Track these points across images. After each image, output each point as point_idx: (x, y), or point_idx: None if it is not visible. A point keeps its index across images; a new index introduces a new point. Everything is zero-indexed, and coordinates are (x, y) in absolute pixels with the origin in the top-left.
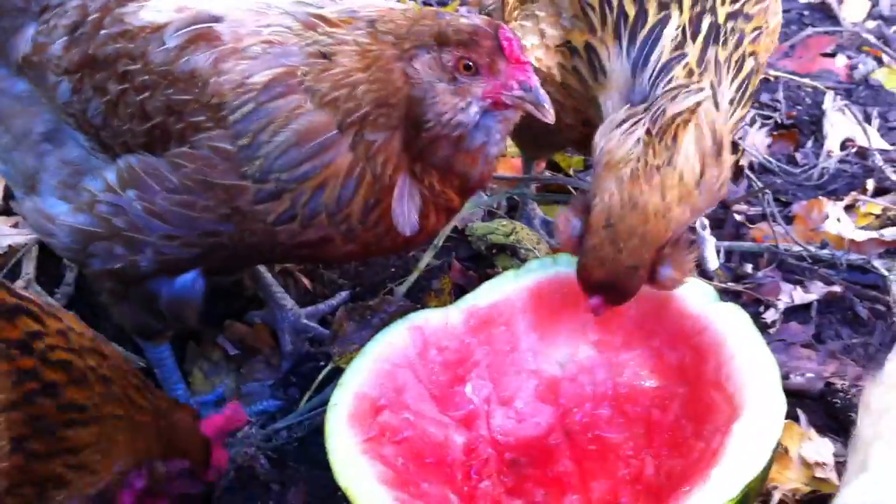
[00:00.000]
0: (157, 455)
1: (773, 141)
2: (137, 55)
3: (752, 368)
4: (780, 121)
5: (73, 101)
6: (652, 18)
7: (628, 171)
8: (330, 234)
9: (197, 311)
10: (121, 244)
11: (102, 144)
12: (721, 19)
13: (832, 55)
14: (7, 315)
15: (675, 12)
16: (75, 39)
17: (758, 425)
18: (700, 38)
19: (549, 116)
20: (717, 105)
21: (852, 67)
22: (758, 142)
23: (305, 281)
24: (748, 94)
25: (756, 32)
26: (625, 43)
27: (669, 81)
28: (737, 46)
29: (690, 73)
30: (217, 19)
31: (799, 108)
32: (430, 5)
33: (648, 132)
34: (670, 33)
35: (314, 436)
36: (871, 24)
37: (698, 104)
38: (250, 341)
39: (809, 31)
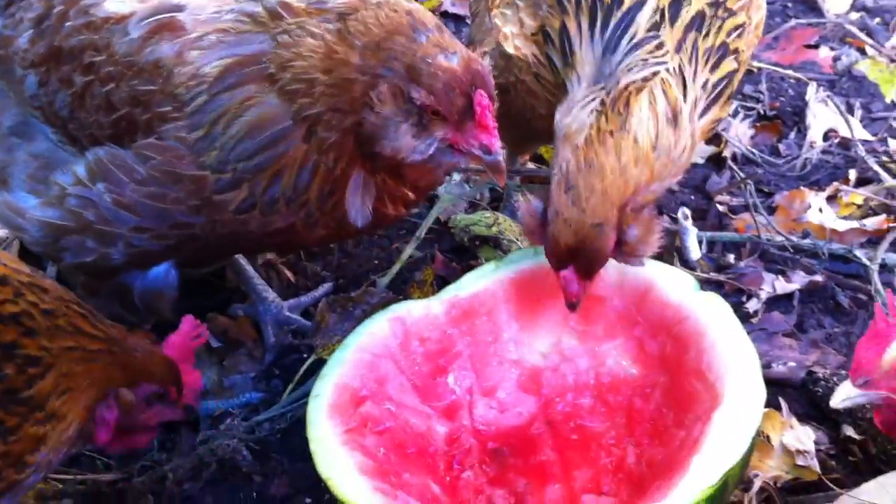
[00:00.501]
0: (121, 383)
1: (756, 132)
2: (102, 46)
3: (733, 357)
4: (763, 112)
5: (39, 94)
6: (628, 2)
7: (583, 138)
8: (293, 220)
9: (171, 303)
10: (92, 237)
11: (70, 137)
12: (703, 7)
13: (815, 47)
14: None
15: None
16: (41, 32)
17: (738, 413)
18: (680, 23)
19: (501, 181)
20: (684, 85)
21: (835, 59)
22: (741, 133)
23: (288, 273)
24: (727, 93)
25: (739, 29)
26: (598, 25)
27: (633, 59)
28: (717, 40)
29: (661, 52)
30: (179, 8)
31: (782, 99)
32: None
33: (602, 102)
34: (646, 15)
35: (297, 427)
36: (855, 15)
37: (654, 74)
38: (233, 334)
39: (793, 22)
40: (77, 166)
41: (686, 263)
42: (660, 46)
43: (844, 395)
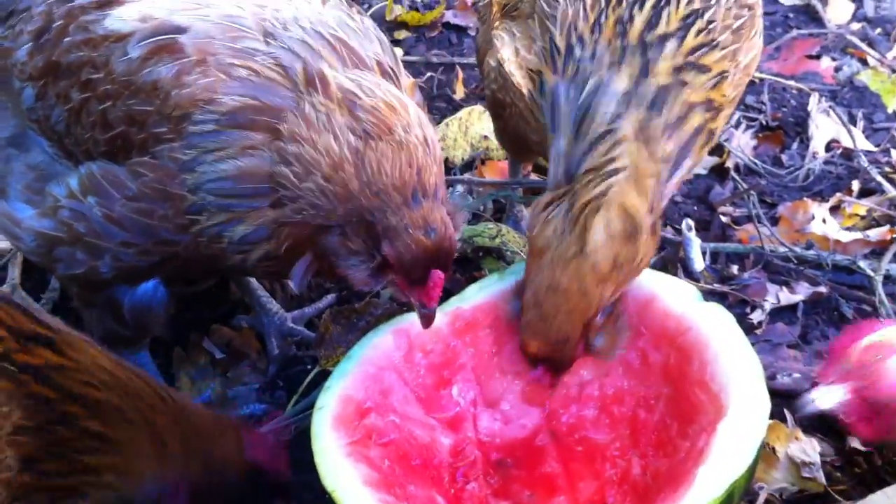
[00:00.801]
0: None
1: (759, 142)
2: (100, 64)
3: (736, 367)
4: (765, 122)
5: (36, 108)
6: (596, 79)
7: (549, 259)
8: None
9: (160, 320)
10: (82, 249)
11: (66, 151)
12: (663, 79)
13: (817, 57)
14: (29, 341)
15: (619, 74)
16: (40, 46)
17: (742, 424)
18: (642, 107)
19: (425, 327)
20: (641, 175)
21: (837, 69)
22: (743, 143)
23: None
24: (699, 143)
25: (715, 79)
26: (576, 96)
27: (593, 158)
28: (678, 107)
29: (618, 153)
30: (181, 30)
31: (784, 109)
32: (416, 5)
33: (564, 218)
34: (609, 101)
35: (301, 439)
36: (856, 25)
37: (609, 187)
38: (237, 345)
39: (794, 33)
40: (71, 179)
41: (690, 275)
42: (618, 142)
43: (812, 398)
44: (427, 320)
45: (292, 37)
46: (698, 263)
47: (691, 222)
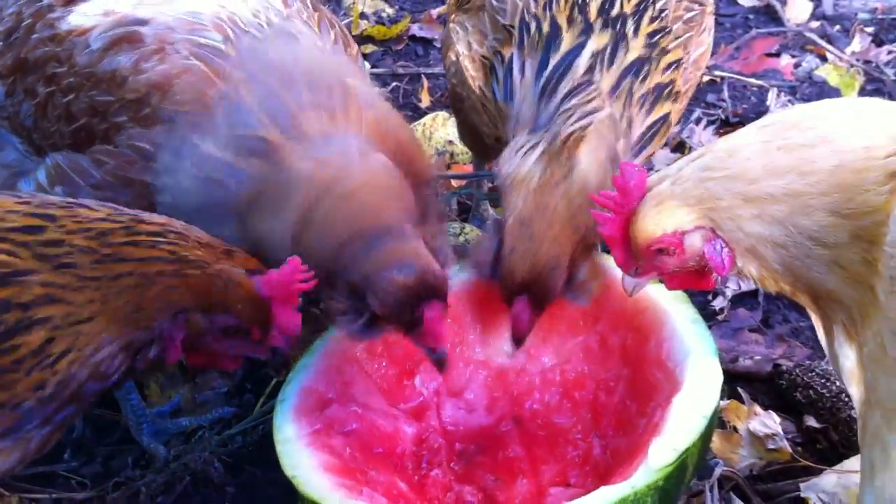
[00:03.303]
0: (190, 307)
1: (720, 137)
2: (64, 58)
3: (690, 343)
4: (725, 118)
5: (6, 105)
6: (566, 44)
7: (534, 185)
8: None
9: None
10: None
11: (35, 147)
12: (641, 52)
13: (777, 55)
14: None
15: (590, 40)
16: (10, 44)
17: (694, 395)
18: (616, 67)
19: (441, 372)
20: (621, 128)
21: (796, 66)
22: (704, 139)
23: None
24: (662, 132)
25: (673, 65)
26: (535, 65)
27: (570, 107)
28: (653, 82)
29: (597, 100)
30: (141, 22)
31: (745, 106)
32: (382, 20)
33: (544, 151)
34: (584, 60)
35: (268, 440)
36: (815, 24)
37: (591, 122)
38: None
39: (754, 32)
40: (39, 172)
41: None
42: (595, 92)
43: (632, 285)
44: (440, 365)
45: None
46: None
47: None
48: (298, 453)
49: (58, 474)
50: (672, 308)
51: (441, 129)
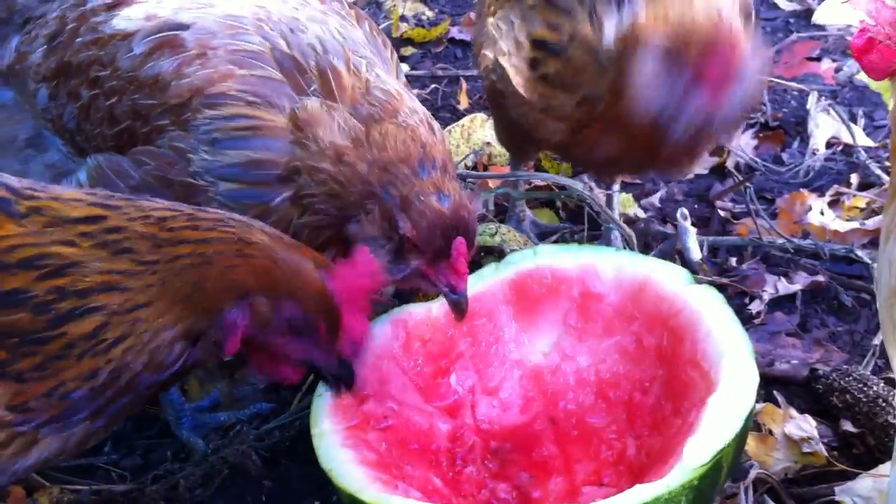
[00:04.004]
0: (254, 288)
1: (760, 142)
2: (107, 62)
3: (725, 344)
4: (766, 122)
5: (50, 107)
6: None
7: None
8: None
9: None
10: None
11: (78, 148)
12: None
13: (818, 59)
14: None
15: None
16: (53, 48)
17: (730, 396)
18: None
19: (460, 319)
20: None
21: (837, 70)
22: (743, 143)
23: None
24: None
25: None
26: None
27: None
28: None
29: None
30: (183, 27)
31: (785, 110)
32: (422, 22)
33: None
34: None
35: (305, 435)
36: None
37: None
38: None
39: (794, 36)
40: (80, 172)
41: (688, 266)
42: None
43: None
44: (458, 308)
45: (296, 34)
46: (695, 253)
47: (686, 211)
48: (335, 447)
49: (98, 466)
50: (707, 309)
51: (479, 130)
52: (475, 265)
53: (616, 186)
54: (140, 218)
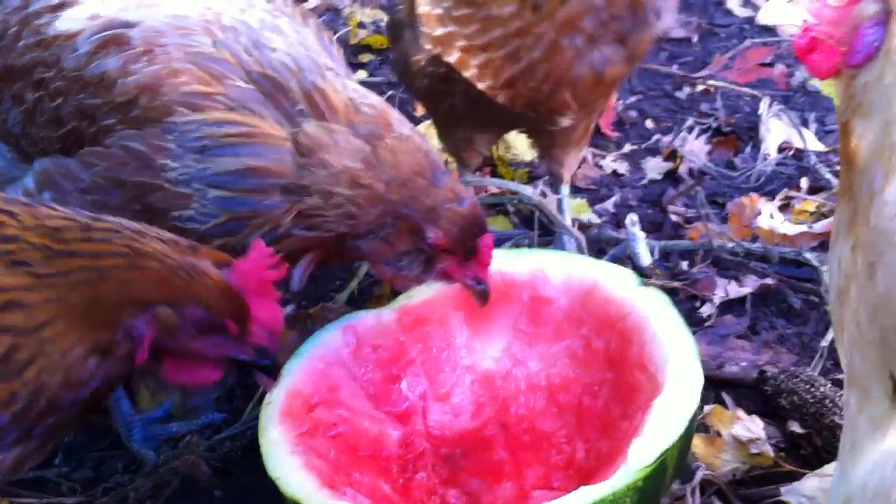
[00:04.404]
0: (156, 299)
1: (713, 147)
2: (52, 62)
3: (672, 347)
4: (718, 127)
5: None
6: None
7: None
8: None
9: None
10: None
11: (23, 154)
12: None
13: (770, 65)
14: None
15: None
16: None
17: (675, 397)
18: None
19: (484, 306)
20: None
21: (790, 75)
22: (696, 148)
23: None
24: None
25: None
26: None
27: None
28: None
29: None
30: (129, 25)
31: (738, 115)
32: (380, 29)
33: None
34: None
35: (256, 444)
36: None
37: None
38: None
39: (748, 42)
40: (27, 178)
41: (639, 271)
42: None
43: None
44: (485, 296)
45: (263, 51)
46: (645, 258)
47: (635, 217)
48: (283, 455)
49: (48, 479)
50: (654, 312)
51: (435, 138)
52: None
53: (565, 190)
54: (35, 227)
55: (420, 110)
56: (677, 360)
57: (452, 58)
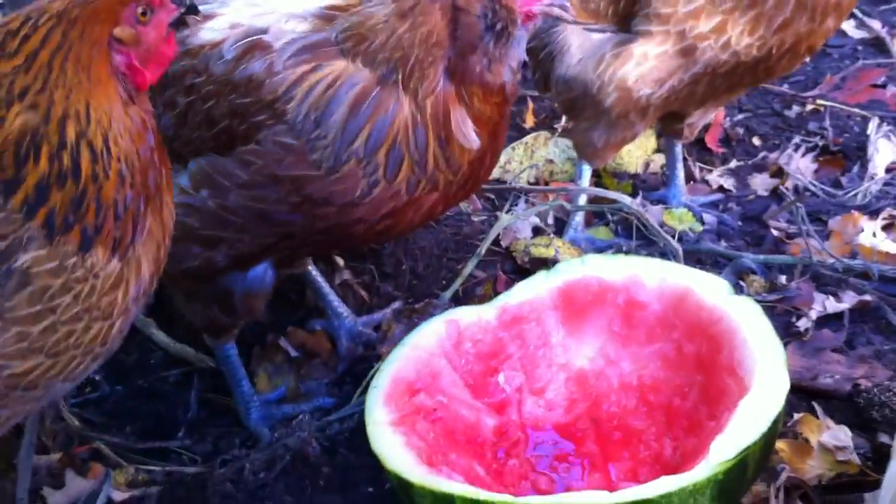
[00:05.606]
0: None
1: (820, 166)
2: (201, 69)
3: (761, 353)
4: (826, 146)
5: None
6: None
7: None
8: (405, 197)
9: (265, 303)
10: (196, 243)
11: (175, 154)
12: None
13: (882, 86)
14: None
15: None
16: None
17: (760, 399)
18: None
19: (570, 18)
20: None
21: None
22: (803, 167)
23: (363, 293)
24: None
25: None
26: None
27: None
28: None
29: None
30: (264, 31)
31: (846, 135)
32: None
33: None
34: None
35: (363, 427)
36: None
37: None
38: (310, 346)
39: (860, 63)
40: (181, 178)
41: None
42: None
43: None
44: (560, 5)
45: None
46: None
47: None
48: (386, 434)
49: (171, 450)
50: (744, 320)
51: (542, 148)
52: (527, 274)
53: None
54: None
55: (530, 121)
56: (765, 366)
57: (711, 24)
